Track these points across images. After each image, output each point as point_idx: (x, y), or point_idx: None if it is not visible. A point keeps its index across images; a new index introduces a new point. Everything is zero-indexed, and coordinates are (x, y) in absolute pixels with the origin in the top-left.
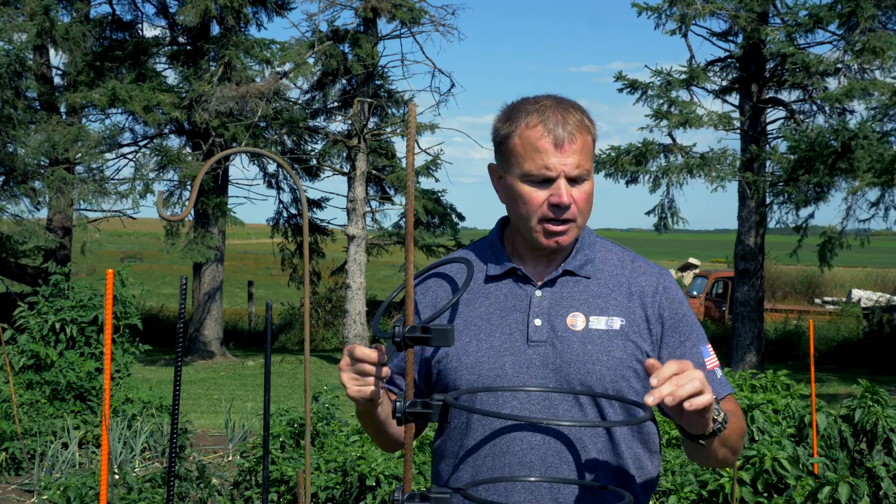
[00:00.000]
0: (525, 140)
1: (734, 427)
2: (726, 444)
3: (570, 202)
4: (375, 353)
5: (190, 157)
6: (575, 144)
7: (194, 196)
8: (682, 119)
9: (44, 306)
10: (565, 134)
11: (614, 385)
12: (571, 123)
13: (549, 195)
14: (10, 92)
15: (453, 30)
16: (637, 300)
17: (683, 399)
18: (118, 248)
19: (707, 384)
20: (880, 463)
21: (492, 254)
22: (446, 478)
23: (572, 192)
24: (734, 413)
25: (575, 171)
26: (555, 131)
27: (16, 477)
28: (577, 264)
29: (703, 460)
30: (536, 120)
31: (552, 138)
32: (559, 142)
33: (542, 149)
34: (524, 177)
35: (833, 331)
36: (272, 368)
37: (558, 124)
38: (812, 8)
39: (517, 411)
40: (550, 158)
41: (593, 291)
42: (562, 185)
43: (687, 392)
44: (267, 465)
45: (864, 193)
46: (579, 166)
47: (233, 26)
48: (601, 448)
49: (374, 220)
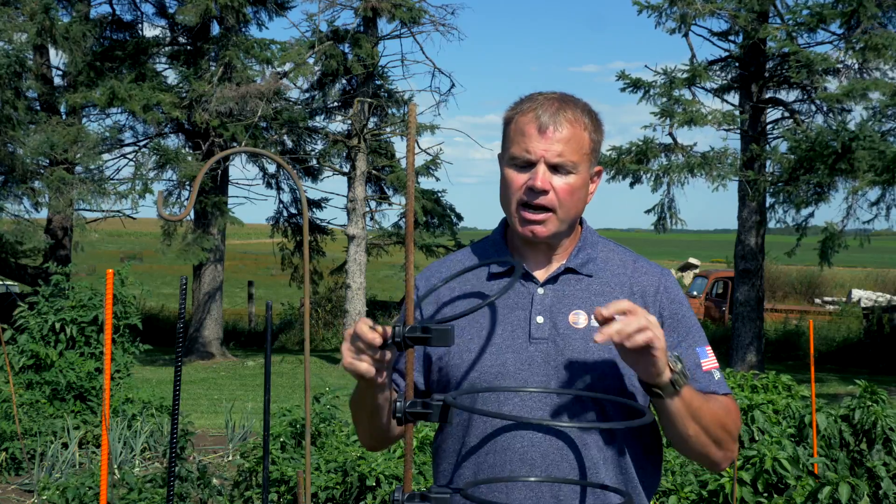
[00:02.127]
0: (517, 125)
1: (711, 410)
2: (697, 417)
3: (547, 188)
4: (375, 336)
5: (190, 157)
6: (560, 133)
7: (194, 196)
8: (686, 117)
9: (44, 306)
10: (552, 121)
11: (616, 383)
12: (563, 115)
13: (528, 178)
14: (10, 92)
15: (453, 30)
16: (639, 300)
17: (629, 336)
18: (118, 248)
19: (657, 326)
20: (880, 463)
21: (495, 252)
22: (448, 475)
23: (553, 179)
24: (721, 402)
25: (556, 159)
26: (542, 118)
27: (16, 477)
28: (578, 262)
29: (673, 436)
30: (531, 107)
31: (538, 124)
32: (544, 127)
33: (527, 133)
34: (510, 161)
35: (833, 331)
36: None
37: (547, 112)
38: (814, 6)
39: (518, 408)
40: (532, 142)
41: (595, 290)
42: (539, 170)
43: (633, 328)
44: (267, 465)
45: (865, 193)
46: (562, 155)
47: (233, 26)
48: (602, 446)
49: (374, 220)
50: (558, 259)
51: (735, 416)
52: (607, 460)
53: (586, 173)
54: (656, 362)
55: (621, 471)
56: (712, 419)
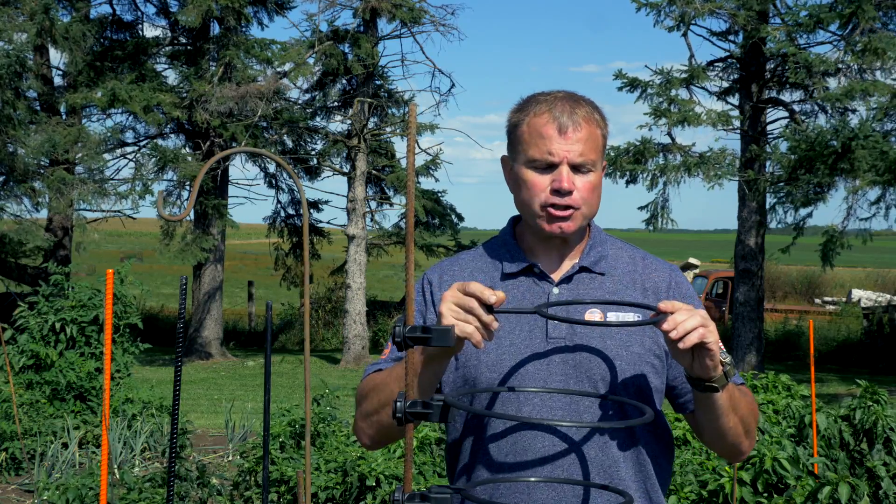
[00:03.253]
0: (532, 127)
1: (745, 399)
2: (736, 408)
3: (572, 188)
4: (493, 296)
5: (190, 157)
6: (580, 133)
7: (194, 196)
8: (680, 117)
9: (44, 306)
10: (570, 122)
11: (634, 381)
12: (578, 113)
13: (552, 181)
14: (11, 92)
15: (453, 30)
16: (652, 296)
17: (686, 333)
18: (118, 248)
19: (708, 320)
20: (880, 463)
21: (506, 252)
22: (465, 476)
23: (575, 179)
24: (745, 391)
25: (578, 159)
26: (560, 119)
27: (16, 477)
28: (591, 260)
29: (714, 431)
30: (544, 108)
31: (557, 125)
32: (563, 128)
33: (546, 135)
34: (529, 163)
35: (833, 331)
36: (272, 368)
37: (564, 113)
38: (812, 8)
39: (538, 408)
40: (554, 144)
41: (609, 288)
42: (563, 172)
43: (690, 326)
44: (267, 465)
45: (865, 193)
46: (583, 155)
47: (233, 26)
48: (622, 444)
49: (374, 220)
50: (571, 258)
51: (756, 405)
52: (627, 459)
53: (601, 170)
54: (713, 356)
55: (640, 469)
56: (746, 408)
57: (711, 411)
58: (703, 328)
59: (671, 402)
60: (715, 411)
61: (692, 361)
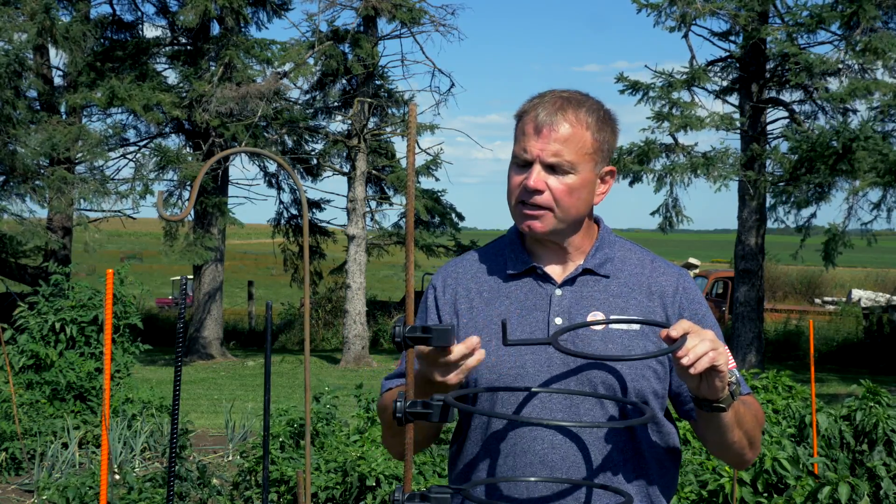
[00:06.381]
0: (521, 124)
1: (749, 412)
2: (741, 423)
3: (541, 188)
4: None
5: (190, 157)
6: (557, 133)
7: (194, 196)
8: (683, 121)
9: (44, 306)
10: (549, 121)
11: (635, 385)
12: (562, 114)
13: (524, 178)
14: (10, 92)
15: (453, 30)
16: (658, 300)
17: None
18: (118, 248)
19: (719, 343)
20: (880, 463)
21: (511, 252)
22: (466, 477)
23: (549, 180)
24: (751, 403)
25: (551, 159)
26: (539, 117)
27: (16, 477)
28: (596, 263)
29: (718, 444)
30: (534, 106)
31: (535, 123)
32: (540, 127)
33: (526, 132)
34: (513, 159)
35: (833, 331)
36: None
37: (547, 112)
38: (814, 8)
39: (538, 410)
40: (529, 142)
41: (613, 291)
42: (534, 170)
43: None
44: (267, 465)
45: (865, 194)
46: (557, 155)
47: (233, 27)
48: (623, 447)
49: (374, 220)
50: (575, 259)
51: (762, 414)
52: (627, 462)
53: (590, 173)
54: (723, 378)
55: (643, 471)
56: (751, 422)
57: (716, 428)
58: (714, 351)
59: (676, 408)
60: (720, 428)
61: (699, 383)
